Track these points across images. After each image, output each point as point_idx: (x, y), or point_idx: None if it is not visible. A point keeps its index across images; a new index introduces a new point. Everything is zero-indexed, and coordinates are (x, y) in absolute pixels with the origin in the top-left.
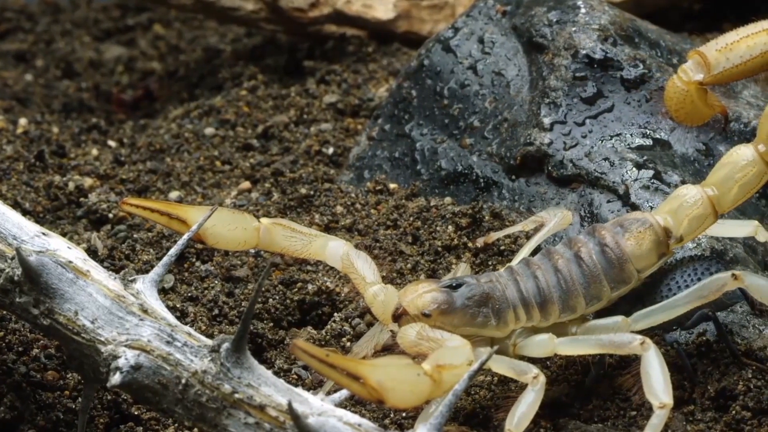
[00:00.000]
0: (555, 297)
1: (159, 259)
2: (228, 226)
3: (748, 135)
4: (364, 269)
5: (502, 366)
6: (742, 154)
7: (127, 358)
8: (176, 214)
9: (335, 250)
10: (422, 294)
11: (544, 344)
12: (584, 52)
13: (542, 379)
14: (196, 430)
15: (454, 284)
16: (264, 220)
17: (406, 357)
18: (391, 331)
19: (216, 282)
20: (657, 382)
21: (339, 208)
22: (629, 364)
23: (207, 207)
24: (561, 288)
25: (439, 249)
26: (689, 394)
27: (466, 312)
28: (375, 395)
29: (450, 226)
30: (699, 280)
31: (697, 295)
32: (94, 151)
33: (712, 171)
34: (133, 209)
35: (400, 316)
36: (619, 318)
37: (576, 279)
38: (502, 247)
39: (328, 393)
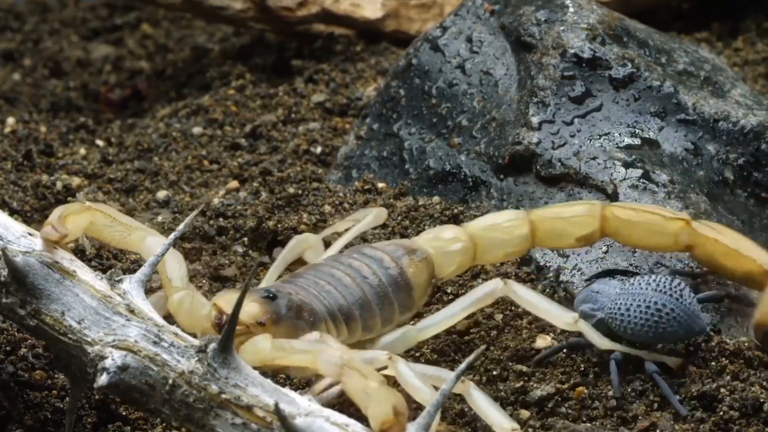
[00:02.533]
0: (357, 315)
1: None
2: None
3: (736, 134)
4: (172, 271)
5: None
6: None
7: (114, 358)
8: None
9: (152, 246)
10: (251, 302)
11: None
12: (572, 51)
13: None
14: (183, 430)
15: (270, 295)
16: (90, 204)
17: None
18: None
19: (204, 281)
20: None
21: (327, 208)
22: None
23: None
24: (361, 306)
25: None
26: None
27: (290, 322)
28: None
29: (438, 226)
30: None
31: (472, 300)
32: (82, 151)
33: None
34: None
35: (223, 326)
36: (406, 328)
37: (372, 299)
38: None
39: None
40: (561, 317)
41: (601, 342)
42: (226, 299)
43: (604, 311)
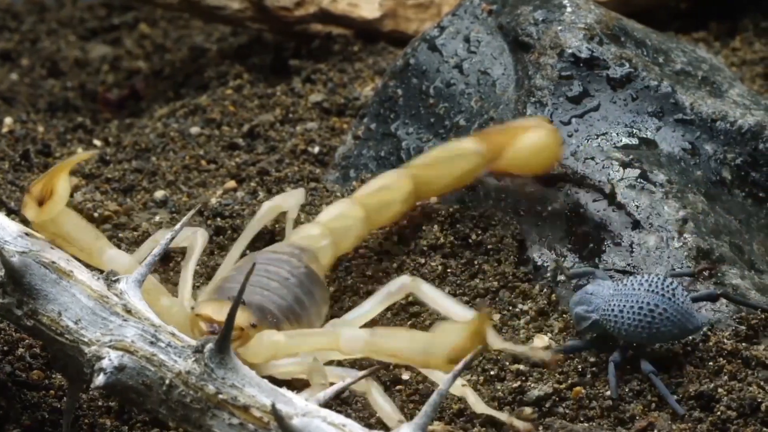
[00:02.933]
0: (299, 313)
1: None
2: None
3: (734, 134)
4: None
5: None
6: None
7: (111, 359)
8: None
9: (114, 259)
10: (242, 309)
11: None
12: (570, 51)
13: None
14: (181, 429)
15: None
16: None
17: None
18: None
19: (200, 281)
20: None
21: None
22: None
23: None
24: (299, 305)
25: (425, 248)
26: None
27: (266, 323)
28: None
29: (436, 226)
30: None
31: (386, 294)
32: (80, 150)
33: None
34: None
35: (214, 330)
36: (333, 320)
37: (302, 297)
38: (489, 246)
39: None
40: (463, 316)
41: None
42: (212, 308)
43: (598, 313)
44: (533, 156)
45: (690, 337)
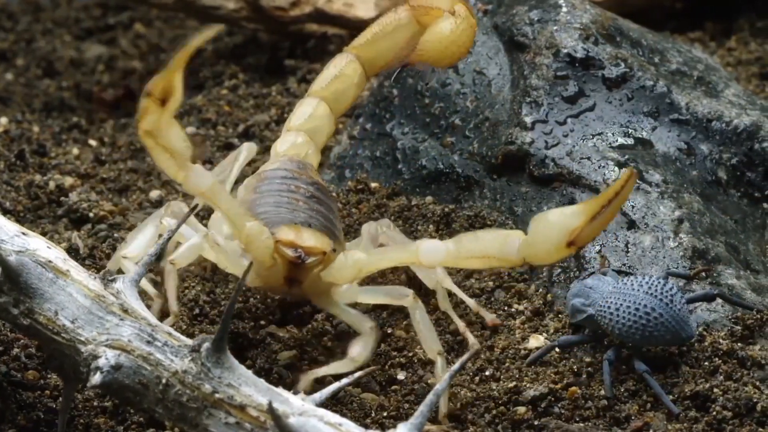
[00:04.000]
0: (339, 229)
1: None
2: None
3: (729, 134)
4: (230, 201)
5: (377, 296)
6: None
7: (108, 358)
8: None
9: (201, 175)
10: (316, 233)
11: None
12: (565, 51)
13: (417, 299)
14: (177, 429)
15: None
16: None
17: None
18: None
19: (196, 281)
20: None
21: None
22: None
23: None
24: (334, 221)
25: None
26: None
27: (337, 246)
28: None
29: (431, 226)
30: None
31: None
32: (75, 150)
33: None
34: None
35: (302, 261)
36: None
37: (329, 212)
38: None
39: (308, 393)
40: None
41: None
42: (294, 233)
43: (594, 308)
44: (445, 48)
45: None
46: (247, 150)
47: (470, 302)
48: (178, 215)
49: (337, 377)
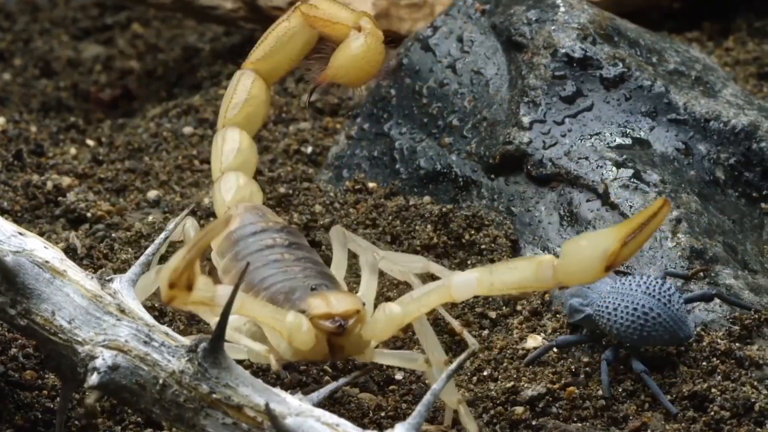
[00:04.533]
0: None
1: (137, 258)
2: None
3: (727, 134)
4: (263, 307)
5: (391, 359)
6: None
7: (105, 358)
8: None
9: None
10: (343, 294)
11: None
12: (563, 50)
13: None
14: (174, 429)
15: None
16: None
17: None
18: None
19: None
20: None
21: (318, 207)
22: None
23: None
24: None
25: (418, 248)
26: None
27: None
28: None
29: (429, 225)
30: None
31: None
32: (73, 150)
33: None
34: None
35: (342, 330)
36: None
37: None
38: (483, 246)
39: (306, 393)
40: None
41: None
42: (324, 303)
43: (592, 307)
44: (359, 68)
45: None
46: (192, 228)
47: (454, 323)
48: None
49: (335, 377)
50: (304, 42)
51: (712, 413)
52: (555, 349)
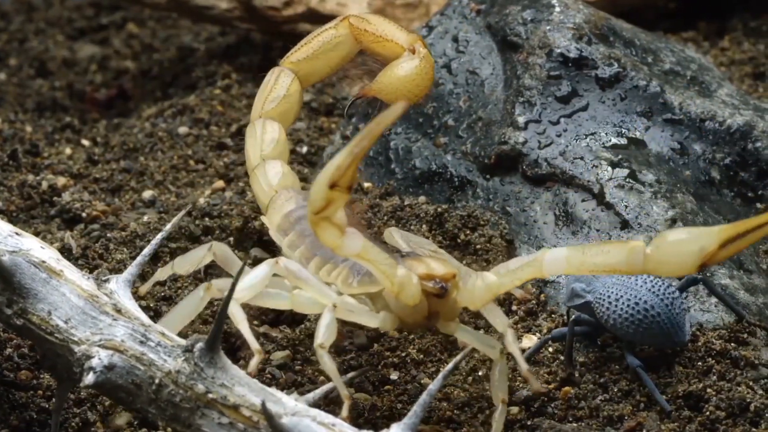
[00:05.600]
0: None
1: (133, 258)
2: None
3: (723, 134)
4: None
5: (472, 338)
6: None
7: (101, 358)
8: None
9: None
10: (438, 261)
11: None
12: (559, 50)
13: (503, 356)
14: (170, 429)
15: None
16: None
17: None
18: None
19: (189, 281)
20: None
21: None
22: None
23: None
24: None
25: None
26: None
27: None
28: None
29: (424, 225)
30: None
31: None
32: (68, 150)
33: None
34: None
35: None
36: None
37: None
38: (478, 246)
39: (302, 393)
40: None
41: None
42: (425, 266)
43: (593, 295)
44: (404, 87)
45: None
46: (219, 250)
47: (524, 367)
48: (219, 257)
49: (328, 377)
50: (346, 53)
51: (708, 413)
52: (550, 349)
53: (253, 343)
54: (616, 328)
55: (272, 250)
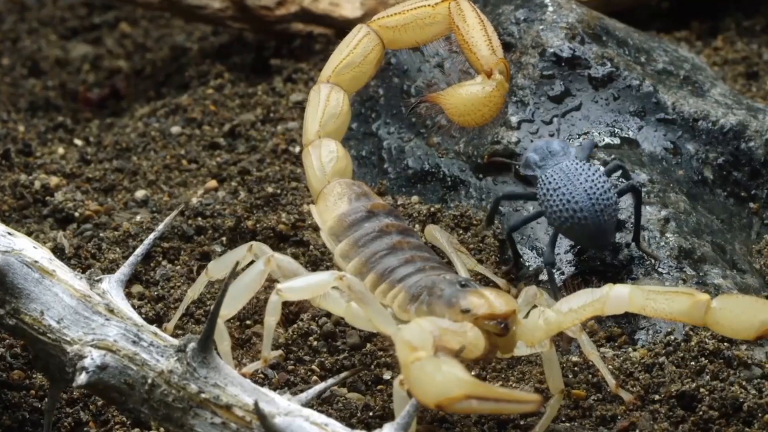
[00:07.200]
0: None
1: (125, 258)
2: None
3: (716, 134)
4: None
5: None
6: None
7: (93, 358)
8: None
9: None
10: (500, 294)
11: None
12: (552, 50)
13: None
14: (162, 429)
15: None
16: None
17: None
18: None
19: (182, 281)
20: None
21: (306, 207)
22: None
23: None
24: None
25: None
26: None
27: None
28: None
29: (417, 225)
30: None
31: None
32: (61, 150)
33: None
34: None
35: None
36: None
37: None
38: (471, 246)
39: (294, 393)
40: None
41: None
42: (486, 304)
43: (543, 171)
44: (467, 109)
45: (672, 337)
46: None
47: (609, 378)
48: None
49: (323, 377)
50: (437, 32)
51: (701, 413)
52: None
53: (266, 349)
54: (546, 214)
55: (272, 245)
